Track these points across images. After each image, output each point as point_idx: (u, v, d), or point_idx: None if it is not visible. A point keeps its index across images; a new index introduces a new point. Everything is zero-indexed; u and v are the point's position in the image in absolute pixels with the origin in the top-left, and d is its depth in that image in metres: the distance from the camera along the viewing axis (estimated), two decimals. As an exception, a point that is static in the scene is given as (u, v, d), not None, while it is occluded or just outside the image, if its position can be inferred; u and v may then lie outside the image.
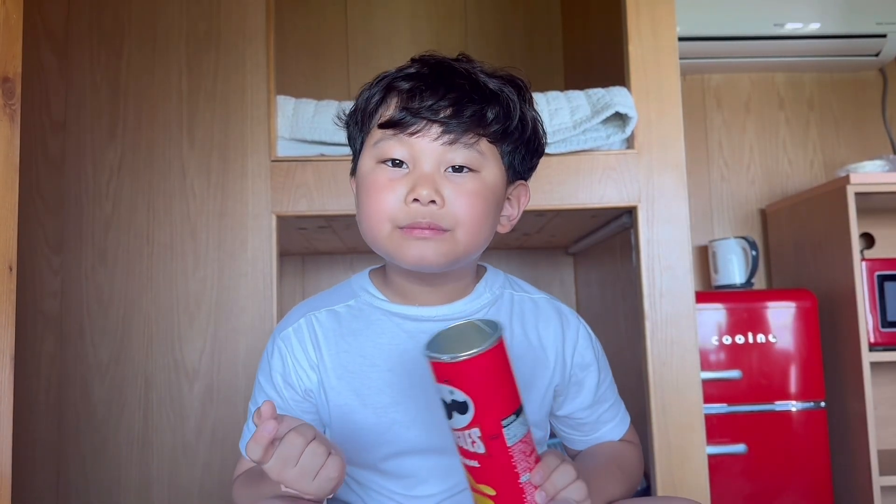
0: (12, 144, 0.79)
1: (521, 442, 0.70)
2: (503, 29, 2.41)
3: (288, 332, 0.90)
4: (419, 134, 0.82)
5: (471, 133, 0.83)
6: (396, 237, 0.82)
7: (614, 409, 0.97)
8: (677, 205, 1.49)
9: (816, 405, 1.84)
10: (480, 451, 0.69)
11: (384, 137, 0.84)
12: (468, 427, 0.69)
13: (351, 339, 0.89)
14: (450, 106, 0.82)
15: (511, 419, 0.69)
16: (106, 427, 1.40)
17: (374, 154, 0.85)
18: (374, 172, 0.85)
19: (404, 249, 0.82)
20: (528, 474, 0.70)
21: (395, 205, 0.82)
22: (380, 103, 0.86)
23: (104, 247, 1.44)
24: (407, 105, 0.83)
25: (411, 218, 0.81)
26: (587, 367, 0.93)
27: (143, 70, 1.48)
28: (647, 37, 1.52)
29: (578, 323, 0.94)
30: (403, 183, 0.82)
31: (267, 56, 1.48)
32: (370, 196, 0.85)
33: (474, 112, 0.83)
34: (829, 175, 2.30)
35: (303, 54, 2.33)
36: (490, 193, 0.85)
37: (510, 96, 0.87)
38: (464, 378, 0.67)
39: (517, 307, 0.92)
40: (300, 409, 0.90)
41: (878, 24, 2.16)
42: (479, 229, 0.84)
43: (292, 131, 1.47)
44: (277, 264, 1.44)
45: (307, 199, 1.45)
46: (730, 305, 1.87)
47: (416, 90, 0.83)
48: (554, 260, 2.34)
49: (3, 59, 0.76)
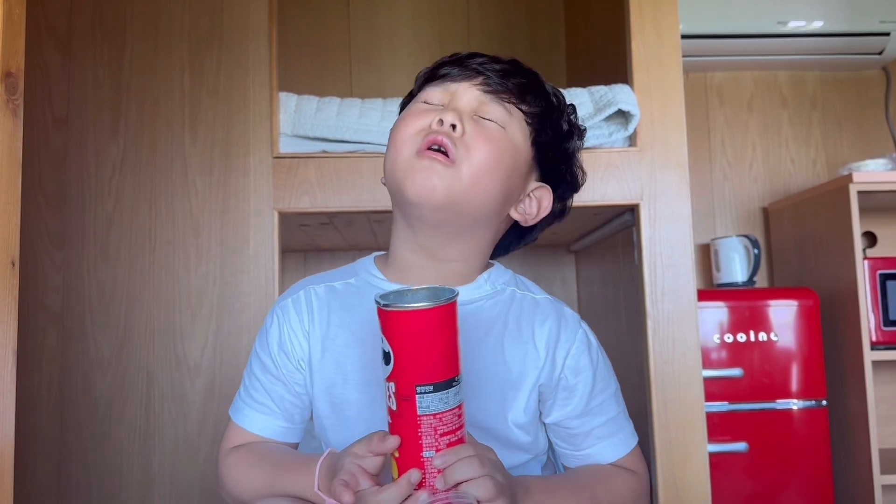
0: (15, 140, 0.79)
1: (434, 416, 0.69)
2: (505, 26, 2.41)
3: (286, 303, 0.92)
4: (461, 79, 0.87)
5: (509, 95, 0.87)
6: (410, 161, 0.83)
7: (612, 427, 0.91)
8: (679, 203, 1.49)
9: (818, 404, 1.84)
10: (393, 408, 0.71)
11: (429, 86, 0.89)
12: (388, 379, 0.71)
13: (343, 314, 0.90)
14: (499, 69, 0.87)
15: (428, 388, 0.69)
16: (108, 422, 1.40)
17: (416, 101, 0.89)
18: (409, 107, 0.88)
19: (414, 172, 0.82)
20: (433, 452, 0.70)
21: (419, 128, 0.84)
22: (435, 67, 0.91)
23: (106, 243, 1.44)
24: (458, 59, 0.88)
25: (430, 135, 0.83)
26: (580, 373, 0.89)
27: (146, 66, 1.48)
28: (650, 34, 1.52)
29: (578, 327, 0.91)
30: (432, 114, 0.85)
31: (269, 53, 1.48)
32: (398, 124, 0.87)
33: (518, 82, 0.87)
34: (831, 174, 2.30)
35: (305, 51, 2.33)
36: (510, 149, 0.86)
37: (559, 96, 0.92)
38: (391, 329, 0.69)
39: (516, 303, 0.91)
40: (292, 379, 0.91)
41: (881, 23, 2.16)
42: (486, 173, 0.84)
43: (294, 128, 1.47)
44: (279, 261, 1.45)
45: (309, 195, 1.45)
46: (731, 304, 1.87)
47: (471, 55, 0.89)
48: (556, 258, 2.34)
49: (6, 54, 0.76)
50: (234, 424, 0.93)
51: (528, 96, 0.88)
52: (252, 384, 0.93)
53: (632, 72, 1.51)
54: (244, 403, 0.93)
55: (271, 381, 0.91)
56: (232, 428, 0.93)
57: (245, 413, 0.92)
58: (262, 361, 0.92)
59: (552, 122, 0.90)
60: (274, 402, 0.91)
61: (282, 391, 0.91)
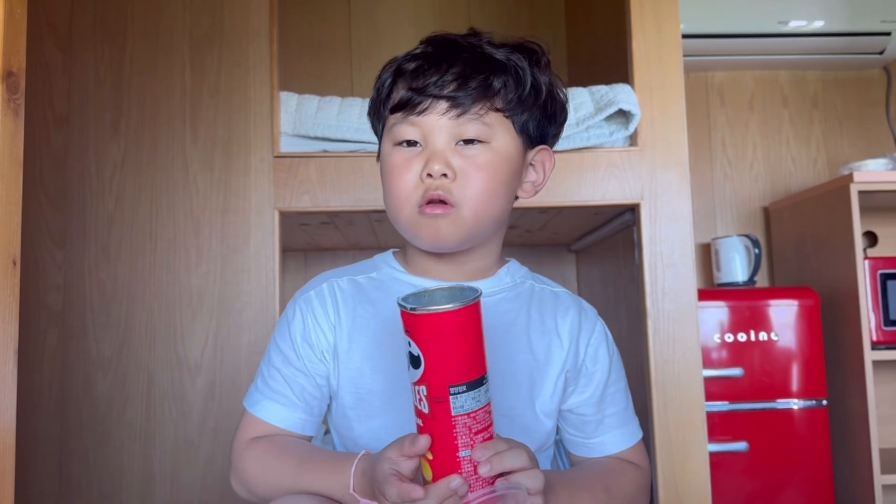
0: (16, 139, 0.79)
1: (468, 416, 0.69)
2: (506, 26, 2.41)
3: (310, 295, 0.92)
4: (427, 111, 0.85)
5: (479, 104, 0.85)
6: (415, 218, 0.86)
7: (622, 417, 0.95)
8: (680, 202, 1.49)
9: (818, 403, 1.84)
10: (425, 411, 0.70)
11: (397, 121, 0.87)
12: (418, 383, 0.70)
13: (369, 306, 0.91)
14: (454, 80, 0.84)
15: (461, 388, 0.69)
16: (108, 421, 1.40)
17: (389, 138, 0.89)
18: (392, 155, 0.88)
19: (421, 230, 0.85)
20: (469, 451, 0.69)
21: (412, 183, 0.86)
22: (391, 88, 0.89)
23: (107, 242, 1.44)
24: (412, 85, 0.85)
25: (425, 193, 0.84)
26: (598, 361, 0.93)
27: (147, 65, 1.48)
28: (650, 34, 1.52)
29: (597, 319, 0.96)
30: (418, 161, 0.86)
31: (270, 52, 1.48)
32: (390, 179, 0.88)
33: (479, 83, 0.85)
34: (832, 173, 2.30)
35: (306, 50, 2.33)
36: (502, 164, 0.87)
37: (518, 63, 0.88)
38: (420, 332, 0.69)
39: (537, 296, 0.94)
40: (314, 370, 0.90)
41: (882, 22, 2.16)
42: (487, 203, 0.86)
43: (295, 127, 1.47)
44: (280, 260, 1.45)
45: (310, 195, 1.45)
46: (732, 303, 1.87)
47: (420, 69, 0.86)
48: (556, 257, 2.34)
49: (7, 53, 0.76)
50: (251, 416, 0.91)
51: (494, 90, 0.85)
52: (271, 375, 0.92)
53: (632, 71, 1.51)
54: (262, 395, 0.92)
55: (293, 373, 0.91)
56: (248, 419, 0.92)
57: (263, 404, 0.91)
58: (283, 353, 0.92)
59: (525, 96, 0.88)
60: (294, 394, 0.91)
61: (303, 382, 0.91)
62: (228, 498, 1.39)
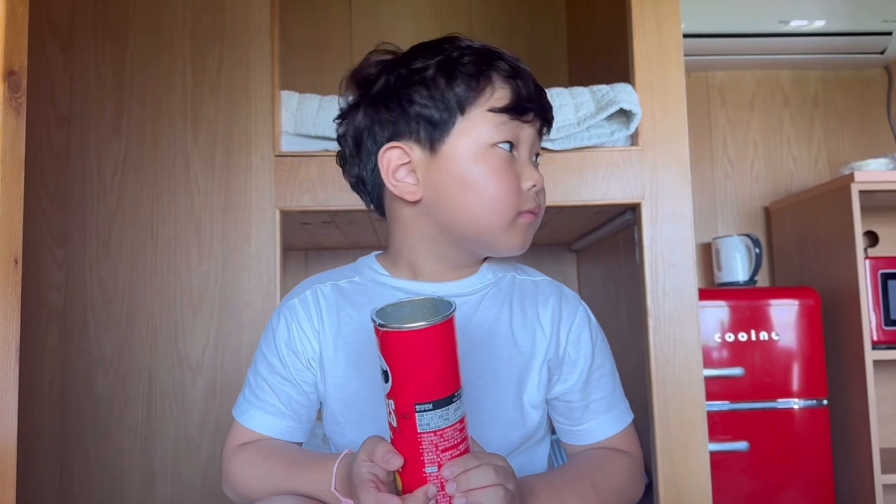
0: (18, 137, 0.79)
1: (434, 433, 0.68)
2: (507, 25, 2.41)
3: (293, 303, 0.92)
4: (530, 122, 0.89)
5: (547, 131, 0.94)
6: (513, 224, 0.87)
7: (608, 402, 0.94)
8: (681, 202, 1.49)
9: (819, 403, 1.84)
10: (394, 425, 0.70)
11: (504, 121, 0.87)
12: (388, 396, 0.70)
13: (352, 311, 0.91)
14: (544, 107, 0.91)
15: (427, 406, 0.68)
16: (109, 420, 1.40)
17: (487, 132, 0.86)
18: (492, 154, 0.87)
19: (516, 236, 0.88)
20: (436, 468, 0.69)
21: (517, 190, 0.87)
22: (480, 87, 0.86)
23: (108, 240, 1.44)
24: (523, 92, 0.88)
25: (531, 205, 0.88)
26: (581, 347, 0.92)
27: (148, 64, 1.48)
28: (651, 33, 1.52)
29: (578, 304, 0.95)
30: (515, 167, 0.88)
31: (271, 50, 1.48)
32: (494, 178, 0.86)
33: (551, 108, 0.93)
34: (833, 173, 2.30)
35: (307, 49, 2.33)
36: None
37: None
38: (388, 348, 0.69)
39: (517, 287, 0.95)
40: (301, 378, 0.91)
41: (883, 22, 2.15)
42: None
43: (296, 126, 1.47)
44: (281, 259, 1.45)
45: (311, 194, 1.45)
46: (733, 303, 1.87)
47: (521, 72, 0.89)
48: (557, 256, 2.34)
49: (9, 52, 0.76)
50: (239, 425, 0.92)
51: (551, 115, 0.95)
52: (258, 384, 0.92)
53: (633, 71, 1.51)
54: (250, 404, 0.92)
55: (279, 382, 0.91)
56: (237, 428, 0.93)
57: (251, 414, 0.92)
58: (268, 362, 0.92)
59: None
60: (281, 403, 0.91)
61: (290, 391, 0.91)
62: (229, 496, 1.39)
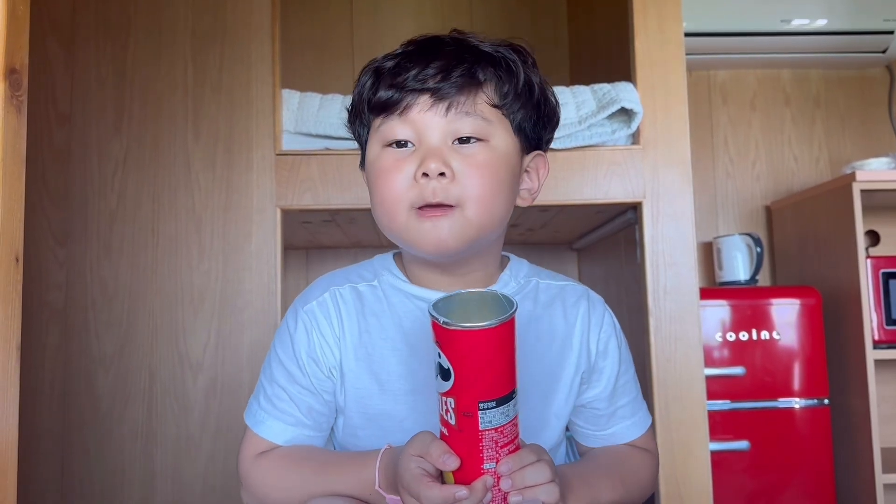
0: (19, 136, 0.79)
1: (495, 430, 0.68)
2: (509, 24, 2.41)
3: (312, 306, 0.87)
4: (416, 108, 0.79)
5: (465, 95, 0.79)
6: (412, 224, 0.79)
7: (632, 407, 0.93)
8: (682, 201, 1.48)
9: (820, 402, 1.84)
10: (451, 423, 0.69)
11: (384, 121, 0.81)
12: (447, 394, 0.68)
13: (373, 319, 0.86)
14: (438, 72, 0.79)
15: (490, 404, 0.67)
16: (110, 419, 1.40)
17: (377, 140, 0.83)
18: (381, 157, 0.82)
19: (420, 236, 0.79)
20: (494, 464, 0.69)
21: (405, 184, 0.79)
22: (373, 90, 0.83)
23: (109, 239, 1.44)
24: (392, 82, 0.80)
25: (423, 195, 0.78)
26: (608, 355, 0.90)
27: (149, 63, 1.48)
28: (653, 32, 1.52)
29: (605, 310, 0.92)
30: (411, 161, 0.79)
31: (272, 49, 1.48)
32: (379, 180, 0.82)
33: (463, 72, 0.79)
34: (834, 172, 2.30)
35: (308, 48, 2.33)
36: (502, 163, 0.81)
37: (507, 55, 0.83)
38: (453, 347, 0.67)
39: (542, 294, 0.90)
40: (321, 387, 0.86)
41: (885, 21, 2.15)
42: (490, 203, 0.80)
43: (297, 125, 1.47)
44: (282, 258, 1.45)
45: (312, 192, 1.45)
46: (734, 302, 1.87)
47: (400, 66, 0.81)
48: (558, 256, 2.34)
49: (10, 50, 0.76)
50: (256, 435, 0.87)
51: (480, 81, 0.80)
52: (275, 393, 0.87)
53: (635, 69, 1.51)
54: (266, 413, 0.87)
55: (299, 392, 0.86)
56: (253, 438, 0.87)
57: (269, 424, 0.87)
58: (287, 370, 0.86)
59: (520, 89, 0.83)
60: (302, 413, 0.86)
61: (310, 401, 0.86)
62: (230, 495, 1.39)
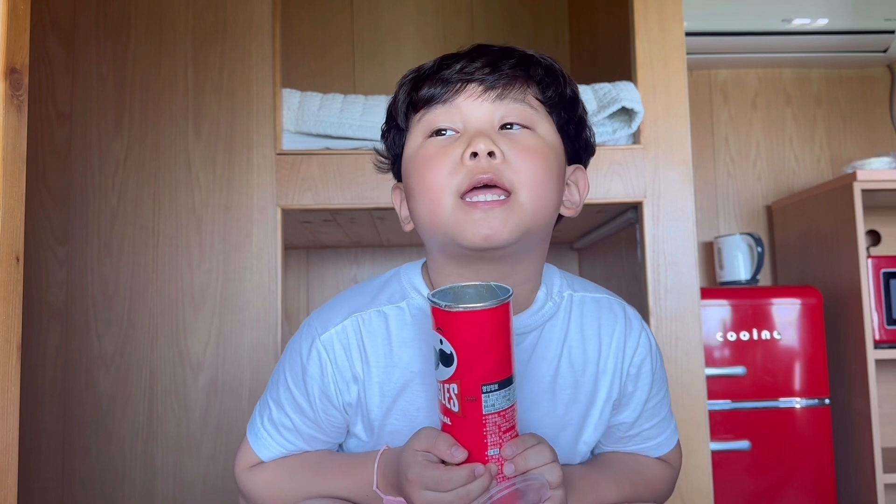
0: (19, 136, 0.79)
1: (498, 414, 0.69)
2: (510, 23, 2.41)
3: (331, 336, 0.80)
4: (462, 96, 0.75)
5: (514, 85, 0.76)
6: (459, 213, 0.72)
7: (659, 428, 0.89)
8: (683, 200, 1.48)
9: (821, 402, 1.84)
10: (455, 410, 0.69)
11: (426, 111, 0.77)
12: (449, 381, 0.69)
13: (401, 350, 0.79)
14: (486, 65, 0.75)
15: (493, 387, 0.68)
16: (111, 418, 1.40)
17: (419, 132, 0.78)
18: (423, 147, 0.76)
19: (470, 226, 0.72)
20: (498, 449, 0.69)
21: (449, 169, 0.73)
22: (414, 90, 0.79)
23: (110, 239, 1.44)
24: (437, 77, 0.77)
25: (472, 176, 0.72)
26: (640, 380, 0.85)
27: (150, 62, 1.48)
28: (654, 32, 1.51)
29: (641, 330, 0.86)
30: (457, 146, 0.74)
31: (273, 49, 1.48)
32: (422, 169, 0.75)
33: (513, 65, 0.76)
34: (835, 172, 2.30)
35: (308, 47, 2.33)
36: (551, 153, 0.76)
37: (555, 64, 0.81)
38: (455, 329, 0.67)
39: (576, 310, 0.84)
40: (329, 422, 0.82)
41: (886, 21, 2.15)
42: (544, 191, 0.74)
43: (297, 124, 1.47)
44: (282, 257, 1.45)
45: (312, 192, 1.45)
46: (735, 302, 1.87)
47: (442, 65, 0.78)
48: (559, 255, 2.34)
49: (10, 50, 0.76)
50: (253, 450, 0.85)
51: (529, 76, 0.78)
52: (281, 420, 0.84)
53: (636, 69, 1.51)
54: (269, 437, 0.84)
55: (305, 423, 0.83)
56: (250, 452, 0.86)
57: (270, 447, 0.85)
58: (295, 400, 0.82)
59: (566, 95, 0.80)
60: (305, 442, 0.84)
61: (315, 433, 0.83)
62: (230, 494, 1.39)
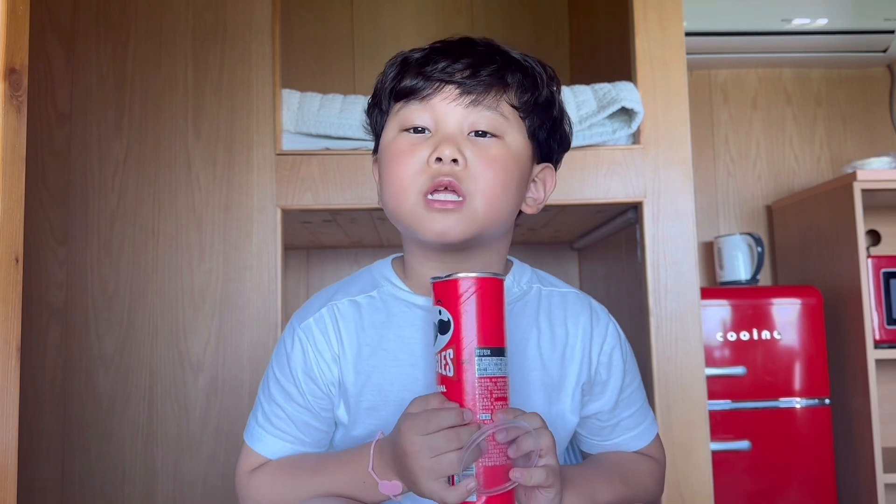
0: (19, 136, 0.79)
1: (489, 379, 0.72)
2: (509, 23, 2.41)
3: (309, 323, 0.86)
4: (439, 97, 0.81)
5: (491, 95, 0.81)
6: (419, 209, 0.80)
7: (637, 417, 0.93)
8: (683, 200, 1.48)
9: (821, 402, 1.84)
10: (450, 375, 0.73)
11: (404, 106, 0.83)
12: (446, 348, 0.73)
13: (372, 332, 0.85)
14: (466, 68, 0.81)
15: (486, 352, 0.72)
16: (111, 418, 1.41)
17: (395, 124, 0.84)
18: (396, 140, 0.83)
19: (427, 223, 0.80)
20: (488, 415, 0.71)
21: (416, 168, 0.80)
22: (398, 78, 0.84)
23: (109, 239, 1.44)
24: (421, 71, 0.82)
25: (433, 178, 0.79)
26: (612, 368, 0.90)
27: (150, 62, 1.48)
28: (654, 32, 1.51)
29: (608, 320, 0.92)
30: (426, 146, 0.80)
31: (273, 49, 1.48)
32: (392, 162, 0.82)
33: (492, 72, 0.81)
34: (835, 171, 2.29)
35: (308, 48, 2.33)
36: (513, 162, 0.83)
37: (536, 67, 0.86)
38: (452, 296, 0.73)
39: (545, 301, 0.90)
40: (319, 405, 0.86)
41: (886, 21, 2.15)
42: (498, 199, 0.81)
43: (297, 125, 1.47)
44: (282, 257, 1.45)
45: (312, 192, 1.45)
46: (735, 302, 1.86)
47: (429, 58, 0.83)
48: (559, 255, 2.33)
49: (10, 50, 0.76)
50: (253, 451, 0.87)
51: (507, 83, 0.83)
52: (273, 411, 0.87)
53: (636, 69, 1.51)
54: (264, 431, 0.87)
55: (296, 410, 0.86)
56: (250, 454, 0.88)
57: (267, 441, 0.87)
58: (283, 388, 0.86)
59: (541, 101, 0.85)
60: (300, 431, 0.87)
61: (307, 418, 0.86)
62: (230, 494, 1.39)
